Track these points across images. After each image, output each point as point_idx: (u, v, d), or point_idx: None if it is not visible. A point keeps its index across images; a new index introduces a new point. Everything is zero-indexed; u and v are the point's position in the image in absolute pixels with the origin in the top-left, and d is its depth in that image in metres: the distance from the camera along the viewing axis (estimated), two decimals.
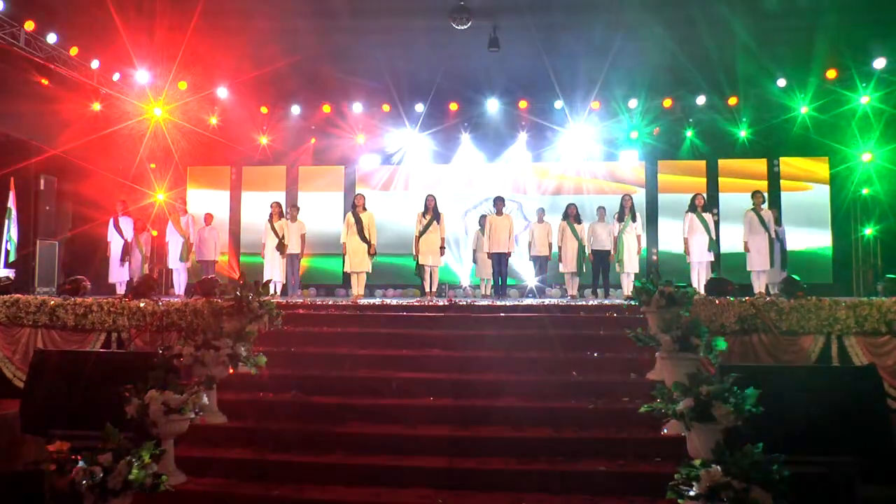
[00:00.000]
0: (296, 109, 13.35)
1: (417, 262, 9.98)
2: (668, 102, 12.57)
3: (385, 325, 7.16)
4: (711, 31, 10.02)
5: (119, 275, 10.83)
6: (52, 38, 10.25)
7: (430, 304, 8.15)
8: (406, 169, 13.85)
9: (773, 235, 9.83)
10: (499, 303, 8.21)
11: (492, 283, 10.61)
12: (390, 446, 5.04)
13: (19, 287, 8.67)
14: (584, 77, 11.68)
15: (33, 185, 10.58)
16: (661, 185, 13.32)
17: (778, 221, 10.73)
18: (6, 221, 10.08)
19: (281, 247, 10.41)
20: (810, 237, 12.58)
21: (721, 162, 13.11)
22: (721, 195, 12.87)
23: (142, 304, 7.11)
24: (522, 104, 12.91)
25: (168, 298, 8.26)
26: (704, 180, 13.01)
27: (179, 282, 10.99)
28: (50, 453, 3.95)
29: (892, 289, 7.58)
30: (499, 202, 10.29)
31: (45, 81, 10.51)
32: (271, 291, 7.93)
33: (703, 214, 9.82)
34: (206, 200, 13.44)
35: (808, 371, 5.87)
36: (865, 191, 12.06)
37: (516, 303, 8.59)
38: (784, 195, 12.76)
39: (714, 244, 9.86)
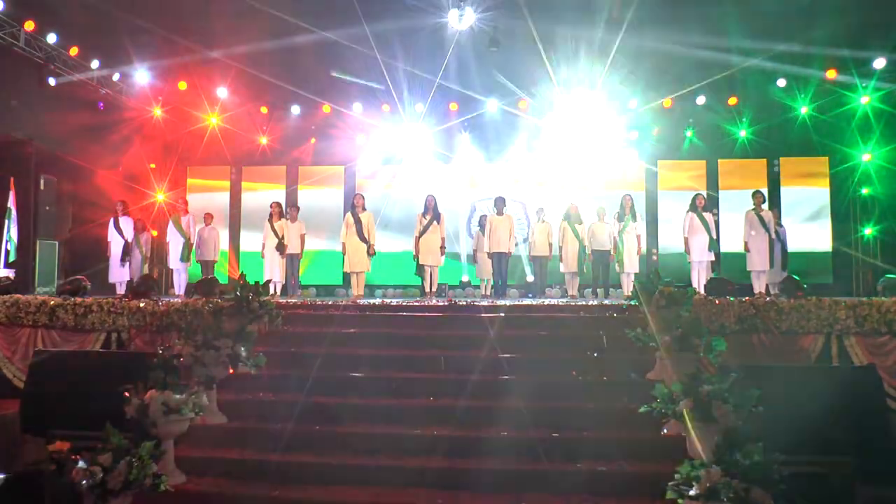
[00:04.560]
0: (296, 109, 13.35)
1: (417, 263, 9.98)
2: (668, 102, 12.57)
3: (385, 325, 7.15)
4: (711, 31, 10.02)
5: (119, 275, 10.81)
6: (52, 38, 10.26)
7: (430, 304, 8.15)
8: (406, 169, 13.84)
9: (774, 236, 9.83)
10: (499, 303, 8.20)
11: (492, 283, 10.62)
12: (390, 446, 5.04)
13: (19, 287, 8.65)
14: (584, 77, 11.69)
15: (33, 185, 10.57)
16: (660, 185, 13.32)
17: (778, 222, 10.73)
18: (6, 221, 10.07)
19: (281, 247, 10.41)
20: (810, 237, 12.57)
21: (721, 162, 13.11)
22: (721, 195, 12.87)
23: (142, 304, 7.11)
24: (522, 104, 12.91)
25: (168, 298, 8.26)
26: (704, 180, 13.02)
27: (179, 282, 10.98)
28: (50, 453, 3.95)
29: (893, 289, 7.58)
30: (499, 202, 10.29)
31: (45, 81, 10.51)
32: (271, 291, 7.95)
33: (704, 214, 9.82)
34: (205, 200, 13.44)
35: (808, 371, 5.89)
36: (865, 191, 12.06)
37: (516, 303, 8.58)
38: (784, 195, 12.76)
39: (714, 244, 9.87)
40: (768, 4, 9.69)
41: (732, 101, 12.37)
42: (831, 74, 11.31)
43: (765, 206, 9.93)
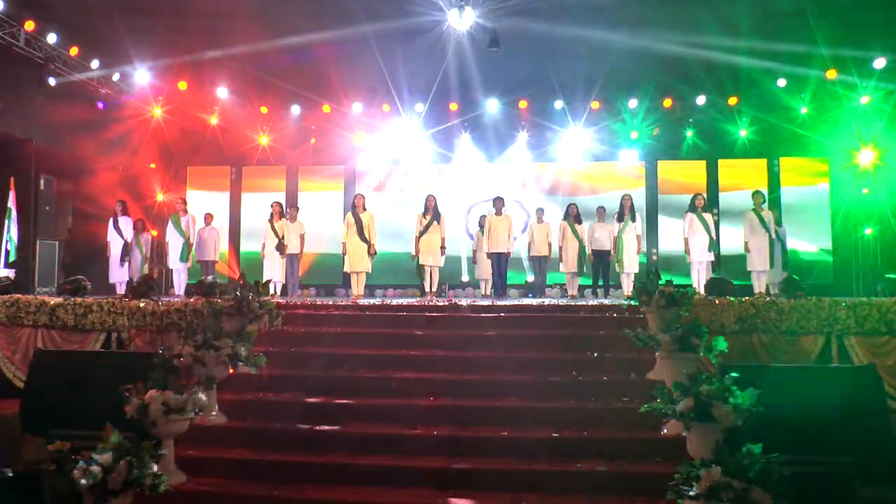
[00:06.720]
0: (296, 109, 13.35)
1: (417, 263, 9.98)
2: (668, 102, 12.58)
3: (385, 325, 7.15)
4: (711, 30, 10.02)
5: (119, 275, 10.81)
6: (52, 38, 10.26)
7: (430, 304, 8.15)
8: (406, 169, 13.84)
9: (774, 236, 9.83)
10: (499, 303, 8.21)
11: (491, 283, 10.62)
12: (390, 446, 5.04)
13: (19, 287, 8.65)
14: (584, 77, 11.69)
15: (33, 185, 10.56)
16: (661, 185, 13.32)
17: (778, 222, 10.74)
18: (6, 221, 10.07)
19: (281, 247, 10.41)
20: (810, 237, 12.57)
21: (721, 162, 13.11)
22: (721, 195, 12.87)
23: (142, 304, 7.11)
24: (522, 104, 12.91)
25: (168, 298, 8.26)
26: (704, 180, 13.02)
27: (179, 282, 10.97)
28: (50, 453, 3.95)
29: (893, 289, 7.59)
30: (498, 202, 10.29)
31: (45, 81, 10.51)
32: (271, 291, 7.96)
33: (703, 214, 9.82)
34: (205, 200, 13.44)
35: (808, 371, 5.88)
36: (865, 191, 12.05)
37: (516, 303, 8.58)
38: (784, 195, 12.76)
39: (714, 244, 9.87)
40: (768, 4, 9.67)
41: (732, 101, 12.37)
42: (831, 74, 11.30)
43: (765, 206, 9.94)
